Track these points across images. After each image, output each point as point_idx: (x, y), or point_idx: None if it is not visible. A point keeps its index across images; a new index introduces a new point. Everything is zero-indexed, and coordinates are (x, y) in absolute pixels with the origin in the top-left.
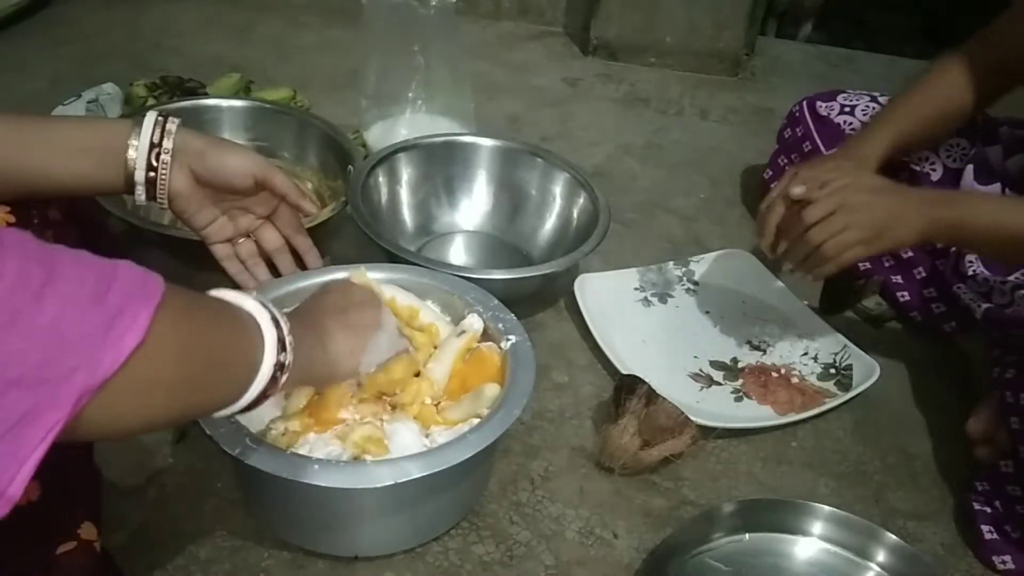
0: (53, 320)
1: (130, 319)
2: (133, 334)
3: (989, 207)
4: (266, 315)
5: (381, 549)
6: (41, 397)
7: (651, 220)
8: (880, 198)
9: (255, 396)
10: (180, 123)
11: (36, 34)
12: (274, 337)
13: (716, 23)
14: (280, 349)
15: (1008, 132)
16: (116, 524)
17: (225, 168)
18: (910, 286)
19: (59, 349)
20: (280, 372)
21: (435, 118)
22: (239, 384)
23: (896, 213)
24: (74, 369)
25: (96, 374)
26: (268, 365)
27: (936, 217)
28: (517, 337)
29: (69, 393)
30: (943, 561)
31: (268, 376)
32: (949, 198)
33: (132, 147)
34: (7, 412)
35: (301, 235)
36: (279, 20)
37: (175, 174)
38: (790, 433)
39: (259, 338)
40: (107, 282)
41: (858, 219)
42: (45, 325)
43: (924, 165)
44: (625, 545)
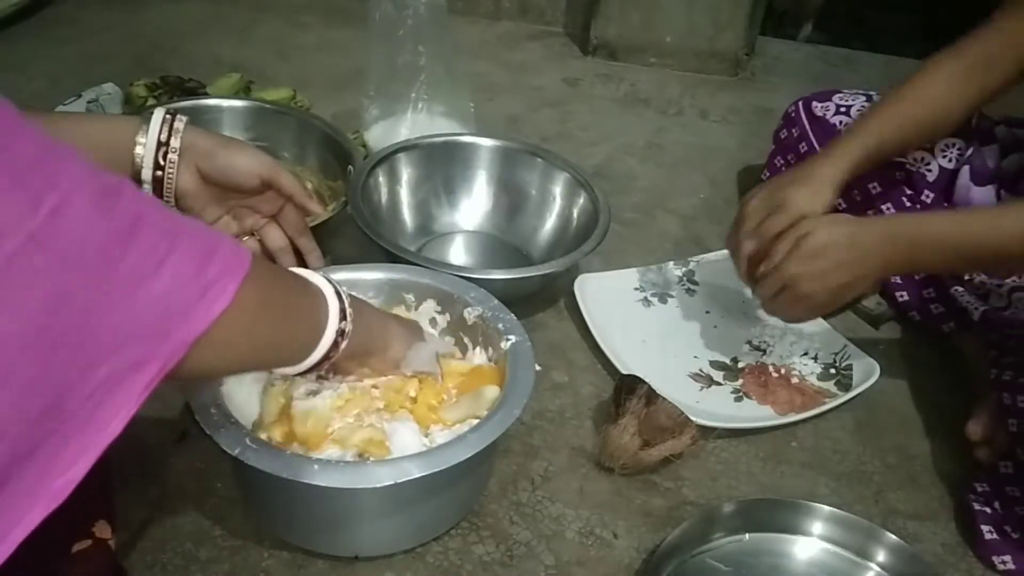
0: (168, 284)
1: (220, 289)
2: (222, 301)
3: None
4: (331, 289)
5: (381, 549)
6: (151, 349)
7: (651, 220)
8: (827, 266)
9: (320, 357)
10: (188, 121)
11: (36, 34)
12: (337, 307)
13: (716, 23)
14: (342, 317)
15: (1005, 132)
16: (117, 523)
17: (233, 168)
18: (909, 286)
19: (168, 311)
20: (341, 338)
21: (435, 118)
22: (307, 343)
23: (846, 277)
24: (177, 327)
25: (191, 332)
26: (332, 329)
27: (889, 260)
28: (517, 337)
29: (171, 346)
30: (943, 561)
31: (331, 340)
32: (900, 233)
33: (140, 145)
34: (127, 360)
35: (305, 236)
36: (279, 20)
37: (182, 173)
38: (790, 433)
39: (324, 306)
40: (211, 253)
41: (806, 295)
42: (161, 291)
43: (920, 166)
44: (625, 545)
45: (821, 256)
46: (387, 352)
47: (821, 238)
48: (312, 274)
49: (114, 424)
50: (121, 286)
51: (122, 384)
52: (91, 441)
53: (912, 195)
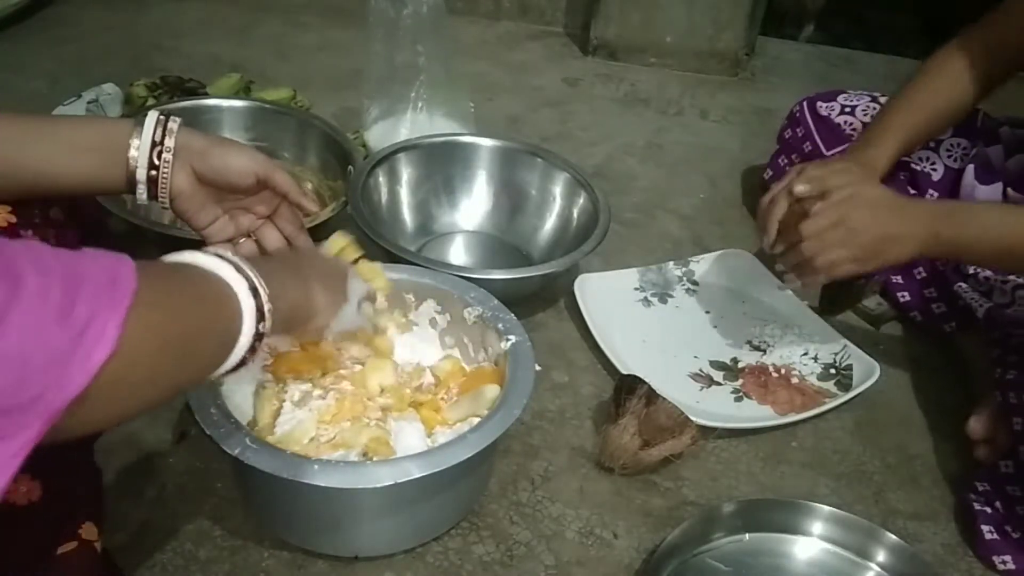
0: (17, 345)
1: (98, 331)
2: (103, 347)
3: (989, 221)
4: (244, 284)
5: (381, 549)
6: (11, 422)
7: (651, 220)
8: (880, 216)
9: (234, 364)
10: (182, 122)
11: (36, 34)
12: (252, 307)
13: (716, 23)
14: (259, 319)
15: (1009, 132)
16: (116, 524)
17: (227, 167)
18: (911, 286)
19: (23, 375)
20: (259, 341)
21: (435, 118)
22: (216, 359)
23: (894, 233)
24: (42, 393)
25: (65, 393)
26: (247, 337)
27: (935, 235)
28: (517, 337)
29: (37, 415)
30: (943, 561)
31: (247, 346)
32: (949, 214)
33: (134, 146)
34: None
35: (302, 235)
36: (279, 20)
37: (177, 173)
38: (790, 433)
39: (237, 309)
40: (74, 291)
41: (854, 238)
42: (9, 352)
43: (925, 165)
44: (625, 545)
45: (879, 202)
46: (309, 323)
47: (879, 189)
48: (220, 264)
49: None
50: None
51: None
52: None
53: (916, 194)
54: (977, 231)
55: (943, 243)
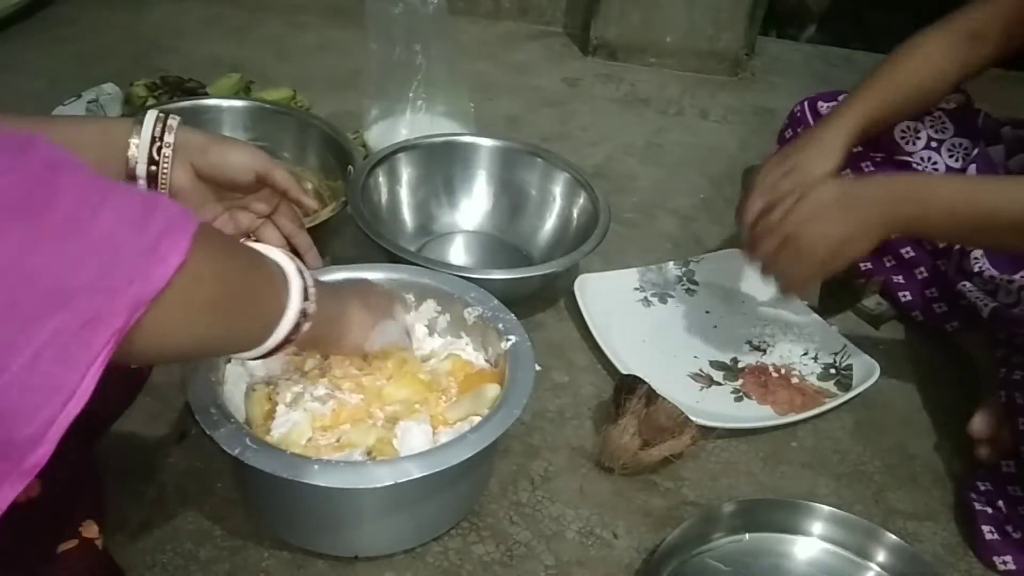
0: (109, 235)
1: (172, 241)
2: (177, 252)
3: (946, 192)
4: (292, 266)
5: (381, 549)
6: (102, 304)
7: (651, 220)
8: (830, 221)
9: (280, 340)
10: (181, 121)
11: (36, 34)
12: (300, 285)
13: (716, 23)
14: (304, 297)
15: (1010, 132)
16: (116, 524)
17: (227, 163)
18: (912, 286)
19: (114, 261)
20: (303, 319)
21: (435, 118)
22: (267, 323)
23: (848, 233)
24: (130, 281)
25: (148, 286)
26: (294, 310)
27: (892, 216)
28: (517, 337)
29: (125, 302)
30: (943, 561)
31: (293, 320)
32: (905, 191)
33: (133, 144)
34: (75, 316)
35: (302, 234)
36: (279, 20)
37: (176, 169)
38: (790, 433)
39: (285, 284)
40: (151, 209)
41: (807, 253)
42: (102, 238)
43: (927, 165)
44: (625, 545)
45: (824, 208)
46: (345, 338)
47: (825, 192)
48: (272, 250)
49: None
50: (52, 232)
51: (74, 343)
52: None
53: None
54: (930, 207)
55: (899, 224)
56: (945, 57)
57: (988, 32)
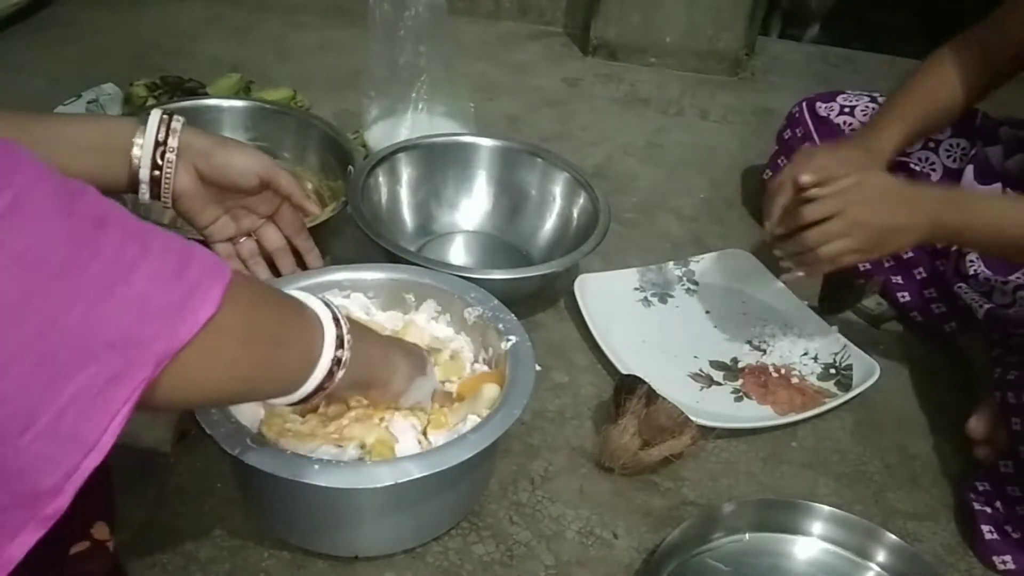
0: (143, 292)
1: (204, 293)
2: (207, 307)
3: (993, 209)
4: (328, 313)
5: (380, 550)
6: (129, 359)
7: (651, 220)
8: (883, 206)
9: (313, 388)
10: (185, 122)
11: (36, 34)
12: (334, 334)
13: (716, 23)
14: (338, 345)
15: (1008, 132)
16: (116, 524)
17: (230, 167)
18: (910, 286)
19: (145, 317)
20: (337, 367)
21: (435, 118)
22: (298, 372)
23: (897, 223)
24: (156, 335)
25: (174, 340)
26: (327, 359)
27: (939, 222)
28: (517, 337)
29: (151, 356)
30: (943, 561)
31: (326, 369)
32: (954, 201)
33: (137, 145)
34: (102, 370)
35: (303, 236)
36: (279, 20)
37: (180, 173)
38: (790, 433)
39: (320, 332)
40: (186, 260)
41: (857, 227)
42: (136, 296)
43: (924, 165)
44: (625, 545)
45: (883, 191)
46: (388, 386)
47: (884, 178)
48: (309, 297)
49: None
50: (90, 291)
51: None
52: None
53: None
54: (979, 219)
55: (945, 231)
56: (967, 73)
57: (999, 52)
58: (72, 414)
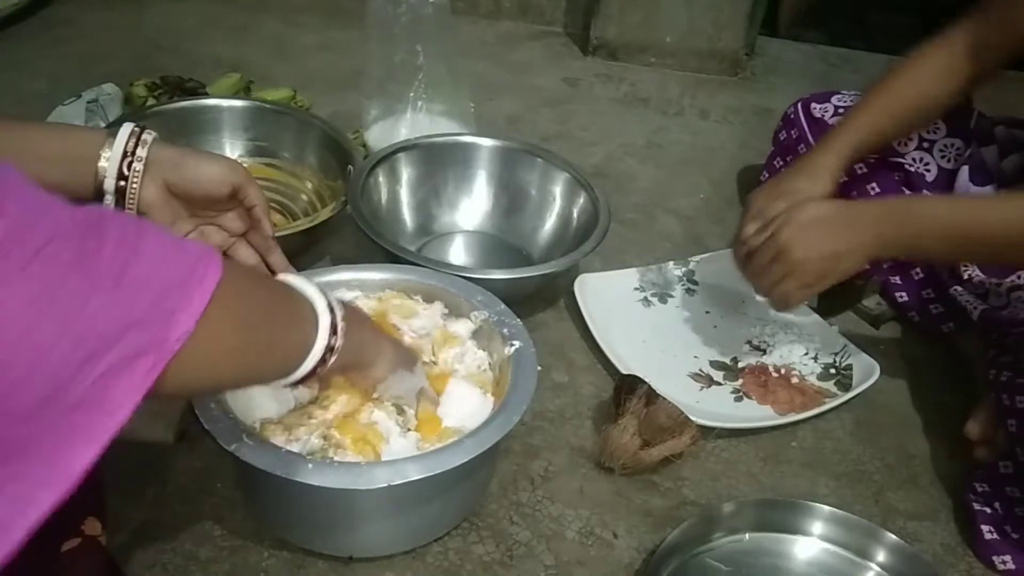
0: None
1: (205, 264)
2: (212, 274)
3: (931, 213)
4: (323, 301)
5: (376, 551)
6: (151, 335)
7: (651, 220)
8: (818, 238)
9: (304, 373)
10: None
11: (36, 34)
12: (328, 322)
13: (716, 23)
14: (332, 332)
15: (1004, 132)
16: (116, 524)
17: (201, 176)
18: (908, 287)
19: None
20: (330, 354)
21: (435, 118)
22: (294, 357)
23: (837, 248)
24: (173, 310)
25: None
26: (320, 346)
27: (882, 238)
28: (521, 343)
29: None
30: (943, 561)
31: (319, 356)
32: (894, 212)
33: (104, 156)
34: (128, 348)
35: (275, 254)
36: (279, 20)
37: (147, 184)
38: (790, 433)
39: (314, 319)
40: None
41: (798, 263)
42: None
43: (919, 166)
44: (625, 545)
45: (814, 224)
46: (371, 369)
47: (815, 209)
48: (305, 283)
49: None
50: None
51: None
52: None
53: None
54: (920, 227)
55: (888, 244)
56: (946, 73)
57: (987, 47)
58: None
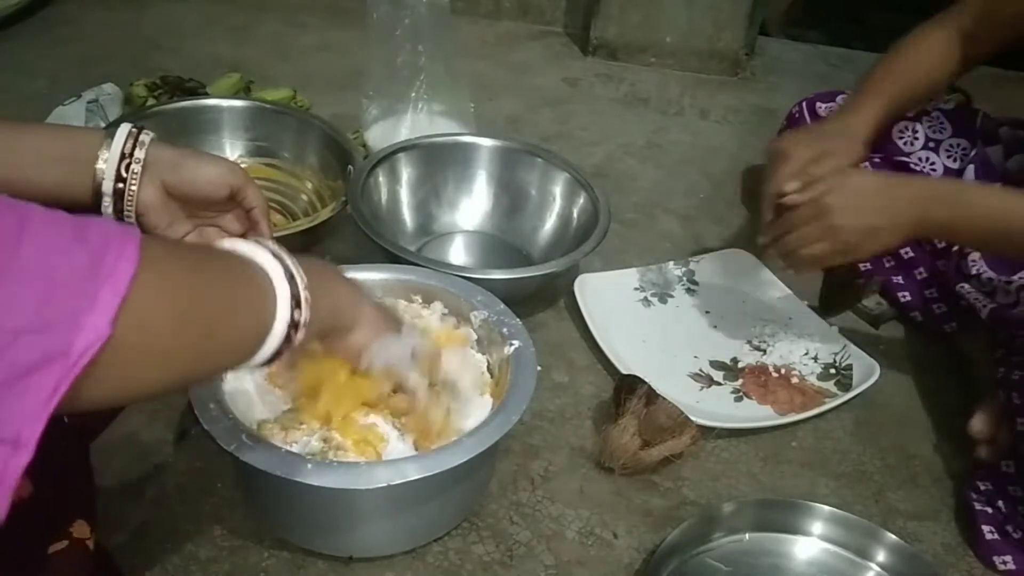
0: (38, 261)
1: (117, 251)
2: (126, 264)
3: (978, 202)
4: (279, 269)
5: (376, 551)
6: (51, 343)
7: (651, 220)
8: (863, 208)
9: (268, 356)
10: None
11: (36, 34)
12: (287, 293)
13: (716, 23)
14: (294, 306)
15: (1008, 133)
16: (116, 524)
17: (200, 178)
18: (911, 286)
19: (52, 289)
20: (295, 330)
21: (435, 118)
22: (248, 342)
23: (877, 223)
24: (75, 311)
25: (98, 311)
26: (282, 323)
27: (925, 220)
28: (520, 343)
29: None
30: (943, 561)
31: (282, 335)
32: (942, 195)
33: (102, 158)
34: (19, 359)
35: None
36: (279, 20)
37: (145, 186)
38: (790, 433)
39: (271, 294)
40: (82, 225)
41: (836, 232)
42: (32, 267)
43: (924, 165)
44: (625, 545)
45: (862, 194)
46: (351, 333)
47: (866, 179)
48: (256, 249)
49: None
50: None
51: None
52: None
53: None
54: (965, 213)
55: (932, 227)
56: (944, 53)
57: (978, 31)
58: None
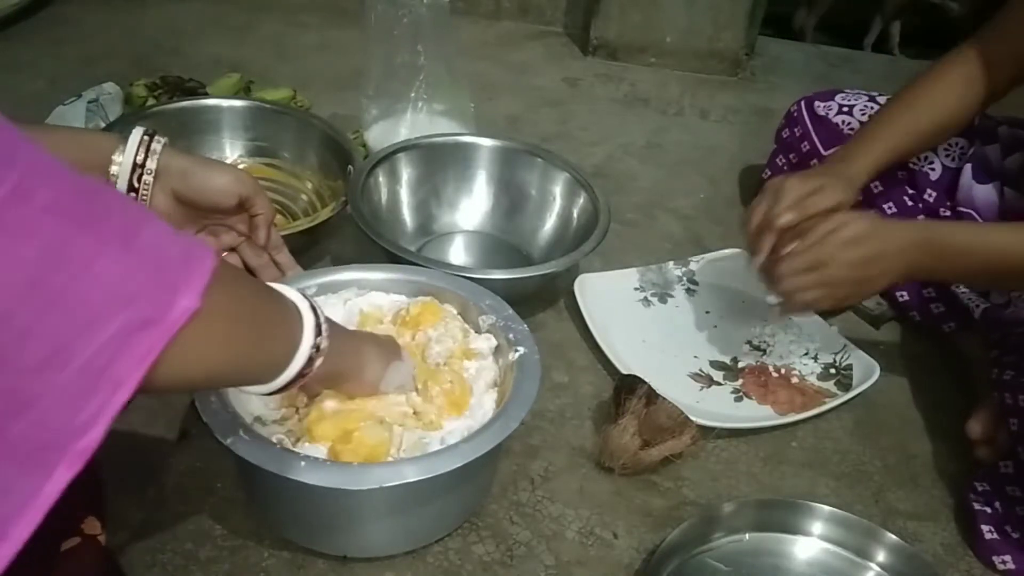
0: (155, 243)
1: (202, 250)
2: (208, 259)
3: (968, 245)
4: (306, 303)
5: (375, 552)
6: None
7: (651, 220)
8: (858, 258)
9: (293, 375)
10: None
11: (36, 34)
12: (312, 321)
13: (716, 23)
14: (317, 332)
15: (1007, 131)
16: (116, 524)
17: (209, 187)
18: (909, 286)
19: (162, 265)
20: (316, 353)
21: (435, 118)
22: (282, 356)
23: (871, 274)
24: (174, 287)
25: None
26: (307, 344)
27: (914, 267)
28: (526, 349)
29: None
30: (943, 561)
31: (306, 356)
32: (931, 244)
33: (116, 164)
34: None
35: (283, 252)
36: (279, 20)
37: (156, 195)
38: (790, 433)
39: (299, 318)
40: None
41: (830, 281)
42: (152, 245)
43: (923, 164)
44: (625, 545)
45: (858, 245)
46: (362, 374)
47: (862, 227)
48: (284, 287)
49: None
50: (114, 240)
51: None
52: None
53: (914, 194)
54: (952, 259)
55: (920, 271)
56: (964, 89)
57: (1001, 62)
58: (107, 354)
